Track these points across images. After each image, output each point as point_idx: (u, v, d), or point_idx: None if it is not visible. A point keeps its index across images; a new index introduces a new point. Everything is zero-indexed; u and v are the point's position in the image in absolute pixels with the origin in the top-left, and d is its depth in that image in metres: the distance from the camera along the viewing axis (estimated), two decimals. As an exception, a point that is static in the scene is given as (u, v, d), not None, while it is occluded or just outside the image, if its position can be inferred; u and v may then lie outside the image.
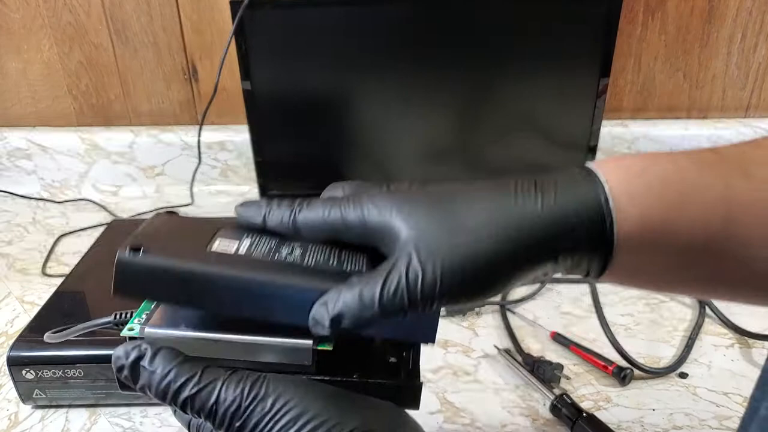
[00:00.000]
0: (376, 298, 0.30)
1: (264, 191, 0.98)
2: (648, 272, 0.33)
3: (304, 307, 0.32)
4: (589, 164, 0.33)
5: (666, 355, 0.72)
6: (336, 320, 0.31)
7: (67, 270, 0.80)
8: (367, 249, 0.35)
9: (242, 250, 0.35)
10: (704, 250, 0.32)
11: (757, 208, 0.31)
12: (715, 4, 1.00)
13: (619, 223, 0.31)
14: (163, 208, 1.10)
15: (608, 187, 0.31)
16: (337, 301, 0.31)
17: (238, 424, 0.32)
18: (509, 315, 0.78)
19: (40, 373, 0.63)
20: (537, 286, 0.84)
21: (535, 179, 0.32)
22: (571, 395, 0.63)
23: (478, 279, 0.31)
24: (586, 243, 0.31)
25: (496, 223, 0.31)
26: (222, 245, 0.35)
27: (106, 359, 0.61)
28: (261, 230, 0.36)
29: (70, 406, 0.66)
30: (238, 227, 0.37)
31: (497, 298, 0.81)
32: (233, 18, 0.85)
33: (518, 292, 0.83)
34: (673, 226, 0.31)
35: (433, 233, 0.31)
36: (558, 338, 0.73)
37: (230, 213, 1.09)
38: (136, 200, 1.14)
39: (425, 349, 0.74)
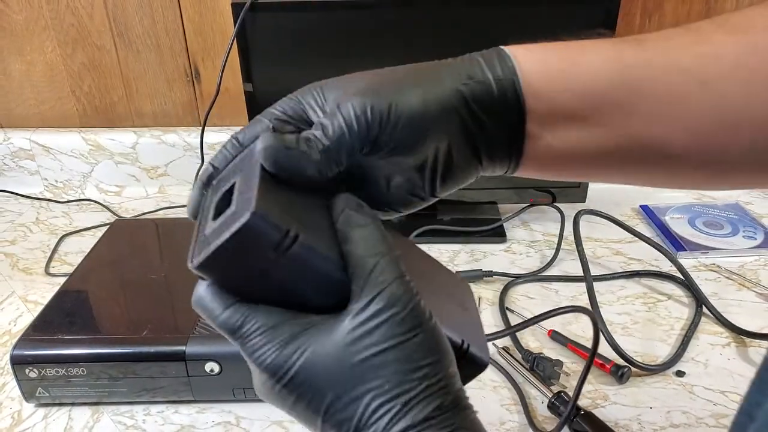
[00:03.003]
0: (323, 140, 0.32)
1: (265, 192, 0.99)
2: (561, 130, 0.35)
3: None
4: None
5: (663, 353, 0.72)
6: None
7: (70, 269, 0.81)
8: None
9: None
10: (607, 101, 0.34)
11: (653, 69, 0.34)
12: (712, 6, 1.01)
13: (520, 64, 0.34)
14: (166, 208, 1.10)
15: (507, 48, 0.35)
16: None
17: None
18: (508, 313, 0.79)
19: (43, 372, 0.63)
20: (536, 269, 0.85)
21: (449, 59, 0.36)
22: (568, 393, 0.64)
23: (404, 120, 0.33)
24: (494, 83, 0.34)
25: (418, 78, 0.35)
26: None
27: (109, 358, 0.63)
28: None
29: (73, 404, 0.67)
30: None
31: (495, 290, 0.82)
32: (235, 20, 0.85)
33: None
34: (571, 73, 0.34)
35: (360, 90, 0.33)
36: (555, 336, 0.73)
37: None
38: (139, 200, 1.14)
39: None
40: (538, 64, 0.35)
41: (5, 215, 1.10)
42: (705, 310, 0.79)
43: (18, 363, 0.63)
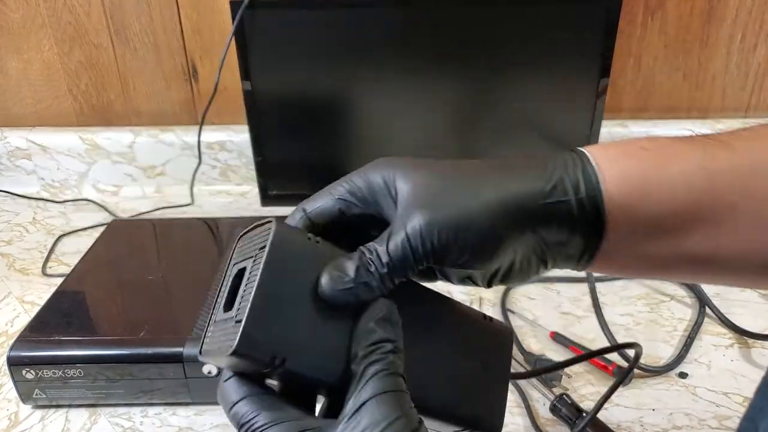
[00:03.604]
0: (384, 259, 0.31)
1: (264, 191, 0.98)
2: (640, 242, 0.33)
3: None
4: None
5: (666, 355, 0.72)
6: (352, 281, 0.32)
7: (67, 270, 0.80)
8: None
9: None
10: (691, 214, 0.32)
11: (741, 176, 0.32)
12: (715, 4, 1.00)
13: (603, 176, 0.32)
14: (163, 208, 1.10)
15: (590, 154, 0.33)
16: (347, 267, 0.32)
17: None
18: (509, 315, 0.78)
19: (40, 373, 0.63)
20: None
21: (529, 155, 0.34)
22: (570, 395, 0.63)
23: (471, 243, 0.32)
24: (575, 202, 0.32)
25: (490, 193, 0.32)
26: None
27: (106, 359, 0.62)
28: None
29: (70, 405, 0.67)
30: None
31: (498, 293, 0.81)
32: (233, 18, 0.85)
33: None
34: (655, 186, 0.32)
35: (429, 197, 0.32)
36: (558, 338, 0.73)
37: (230, 213, 1.09)
38: (137, 200, 1.14)
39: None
40: (622, 177, 0.32)
41: (2, 215, 1.09)
42: (708, 311, 0.78)
43: (15, 364, 0.62)
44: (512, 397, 0.66)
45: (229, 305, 0.32)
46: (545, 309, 0.80)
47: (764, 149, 0.32)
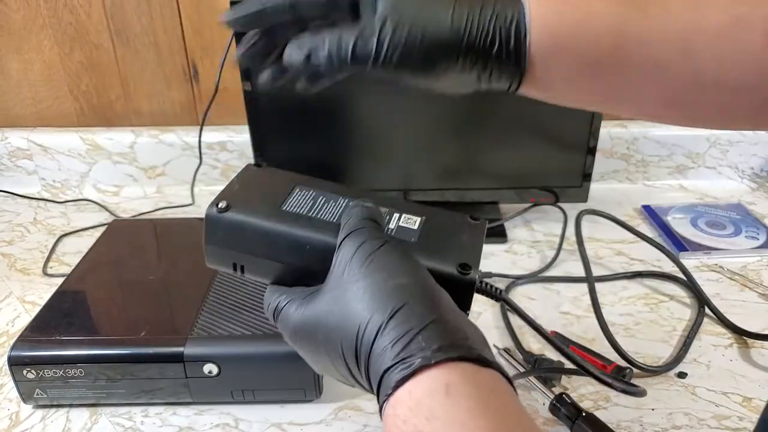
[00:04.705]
0: (351, 44, 0.40)
1: (264, 191, 0.98)
2: (560, 76, 0.40)
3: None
4: None
5: (665, 354, 0.72)
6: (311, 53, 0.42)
7: (68, 270, 0.80)
8: None
9: (307, 209, 0.43)
10: (598, 67, 0.39)
11: (642, 37, 0.38)
12: None
13: (532, 22, 0.38)
14: (164, 208, 1.10)
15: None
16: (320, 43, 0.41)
17: None
18: (509, 314, 0.78)
19: (41, 373, 0.63)
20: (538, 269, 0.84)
21: None
22: (570, 395, 0.63)
23: (422, 45, 0.40)
24: (503, 36, 0.38)
25: (438, 21, 0.39)
26: (293, 204, 0.43)
27: (107, 359, 0.62)
28: None
29: (71, 405, 0.67)
30: (312, 183, 0.46)
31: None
32: (234, 19, 0.85)
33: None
34: (570, 38, 0.38)
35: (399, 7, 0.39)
36: (557, 338, 0.73)
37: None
38: (137, 200, 1.14)
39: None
40: (550, 23, 0.38)
41: (3, 215, 1.09)
42: (707, 310, 0.78)
43: (16, 364, 0.63)
44: (512, 396, 0.66)
45: None
46: (545, 309, 0.80)
47: (670, 16, 0.37)
